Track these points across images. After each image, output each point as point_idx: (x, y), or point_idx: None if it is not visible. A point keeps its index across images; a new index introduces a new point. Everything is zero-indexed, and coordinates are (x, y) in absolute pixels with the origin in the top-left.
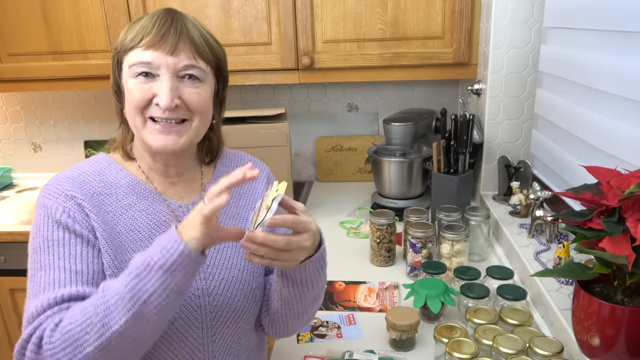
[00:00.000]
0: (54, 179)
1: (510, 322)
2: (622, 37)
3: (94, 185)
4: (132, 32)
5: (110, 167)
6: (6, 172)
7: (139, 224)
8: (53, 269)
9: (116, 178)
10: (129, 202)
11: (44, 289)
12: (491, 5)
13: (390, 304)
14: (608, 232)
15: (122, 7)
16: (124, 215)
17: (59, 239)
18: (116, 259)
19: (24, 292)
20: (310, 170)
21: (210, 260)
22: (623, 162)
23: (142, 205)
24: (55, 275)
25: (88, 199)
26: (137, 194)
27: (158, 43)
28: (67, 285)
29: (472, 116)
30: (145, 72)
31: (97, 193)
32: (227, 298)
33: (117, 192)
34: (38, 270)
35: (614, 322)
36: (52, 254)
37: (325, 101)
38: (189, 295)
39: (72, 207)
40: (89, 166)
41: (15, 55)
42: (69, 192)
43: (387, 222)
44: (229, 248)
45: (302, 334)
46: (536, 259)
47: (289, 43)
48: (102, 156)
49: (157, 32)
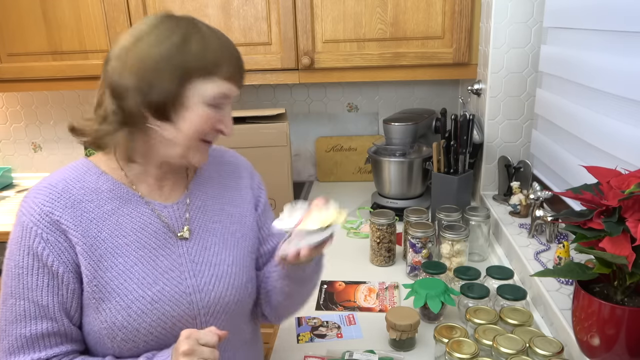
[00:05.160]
0: (34, 189)
1: (510, 322)
2: (622, 37)
3: (74, 193)
4: (204, 51)
5: (90, 172)
6: (6, 172)
7: (124, 229)
8: (22, 299)
9: (96, 183)
10: (111, 207)
11: (16, 319)
12: (491, 5)
13: (390, 304)
14: (608, 232)
15: (122, 6)
16: (107, 220)
17: (28, 267)
18: (99, 269)
19: None
20: (310, 170)
21: (198, 258)
22: (623, 162)
23: (126, 209)
24: (25, 307)
25: (67, 209)
26: (119, 198)
27: (236, 76)
28: (37, 319)
29: (472, 116)
30: (220, 103)
31: (77, 201)
32: (218, 293)
33: (99, 197)
34: (9, 297)
35: (614, 322)
36: (22, 283)
37: (325, 101)
38: (180, 294)
39: (46, 227)
40: (69, 172)
41: (15, 55)
42: (45, 208)
43: (387, 222)
44: (216, 245)
45: (302, 334)
46: (536, 259)
47: (289, 43)
48: (82, 161)
49: (234, 62)
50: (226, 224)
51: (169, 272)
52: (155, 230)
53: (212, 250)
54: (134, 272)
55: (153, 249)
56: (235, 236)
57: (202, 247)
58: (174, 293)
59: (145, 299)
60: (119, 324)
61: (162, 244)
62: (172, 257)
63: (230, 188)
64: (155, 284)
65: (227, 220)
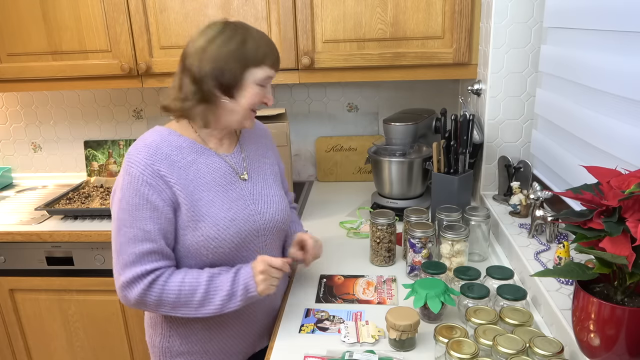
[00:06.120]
0: (133, 149)
1: (510, 322)
2: (621, 37)
3: (164, 149)
4: (257, 48)
5: (171, 135)
6: (6, 172)
7: (203, 172)
8: (132, 227)
9: (178, 142)
10: (192, 158)
11: (128, 241)
12: (491, 5)
13: (388, 297)
14: (608, 232)
15: (122, 7)
16: (191, 167)
17: (136, 205)
18: (193, 200)
19: (23, 292)
20: (310, 170)
21: (255, 192)
22: (623, 162)
23: (202, 159)
24: (134, 233)
25: (163, 161)
26: (196, 151)
27: (276, 64)
28: (143, 241)
29: (472, 116)
30: (266, 83)
31: (167, 154)
32: (271, 215)
33: (182, 152)
34: (122, 226)
35: (614, 322)
36: (133, 215)
37: (325, 101)
38: (247, 216)
39: (150, 175)
40: (155, 136)
41: (15, 55)
42: (147, 161)
43: (387, 222)
44: (264, 182)
45: (306, 325)
46: (536, 259)
47: (289, 43)
48: (160, 128)
49: (275, 54)
50: (266, 169)
51: (237, 201)
52: (225, 173)
53: (262, 185)
54: (216, 201)
55: (225, 185)
56: (274, 176)
57: (255, 184)
58: (243, 215)
59: (226, 218)
60: (212, 236)
61: (230, 181)
62: (237, 191)
63: (262, 145)
64: (230, 209)
65: (266, 166)
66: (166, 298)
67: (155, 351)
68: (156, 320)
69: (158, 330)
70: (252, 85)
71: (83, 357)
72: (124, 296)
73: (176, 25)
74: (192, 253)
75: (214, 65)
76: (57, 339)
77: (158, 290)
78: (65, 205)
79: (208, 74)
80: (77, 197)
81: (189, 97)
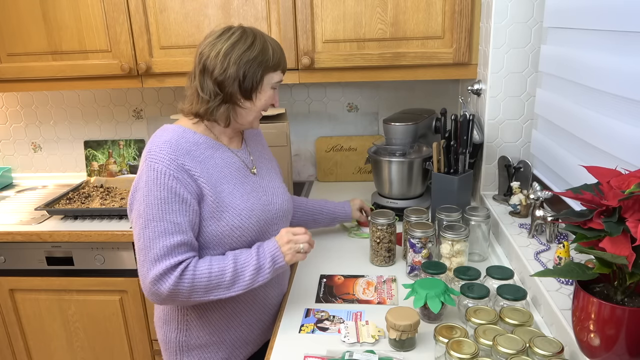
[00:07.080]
0: (154, 145)
1: (510, 322)
2: (621, 37)
3: (184, 145)
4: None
5: (186, 132)
6: (6, 172)
7: (220, 166)
8: (162, 221)
9: (194, 138)
10: (209, 153)
11: (158, 235)
12: (491, 5)
13: (388, 297)
14: (608, 232)
15: (122, 7)
16: (209, 161)
17: (164, 198)
18: (217, 192)
19: (23, 292)
20: (310, 170)
21: (265, 184)
22: (623, 162)
23: (218, 154)
24: (165, 226)
25: (185, 156)
26: (212, 147)
27: (285, 68)
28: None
29: (472, 116)
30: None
31: (187, 150)
32: (279, 204)
33: (199, 147)
34: (151, 221)
35: (614, 322)
36: (162, 209)
37: (325, 101)
38: (262, 205)
39: (175, 169)
40: (172, 134)
41: (15, 55)
42: (171, 156)
43: (387, 222)
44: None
45: (306, 325)
46: (536, 259)
47: (289, 43)
48: (175, 127)
49: (285, 59)
50: (269, 164)
51: (252, 192)
52: (239, 167)
53: (268, 179)
54: (235, 193)
55: (240, 178)
56: (275, 170)
57: (263, 178)
58: (259, 205)
59: (247, 208)
60: (236, 225)
61: (244, 175)
62: (251, 184)
63: (260, 143)
64: (248, 200)
65: (268, 162)
66: (198, 283)
67: (170, 347)
68: (171, 316)
69: (173, 326)
70: (268, 88)
71: (83, 357)
72: (156, 291)
73: (176, 25)
74: (214, 243)
75: (237, 68)
76: (57, 339)
77: (189, 277)
78: (65, 205)
79: (231, 77)
80: (77, 197)
81: (212, 99)
